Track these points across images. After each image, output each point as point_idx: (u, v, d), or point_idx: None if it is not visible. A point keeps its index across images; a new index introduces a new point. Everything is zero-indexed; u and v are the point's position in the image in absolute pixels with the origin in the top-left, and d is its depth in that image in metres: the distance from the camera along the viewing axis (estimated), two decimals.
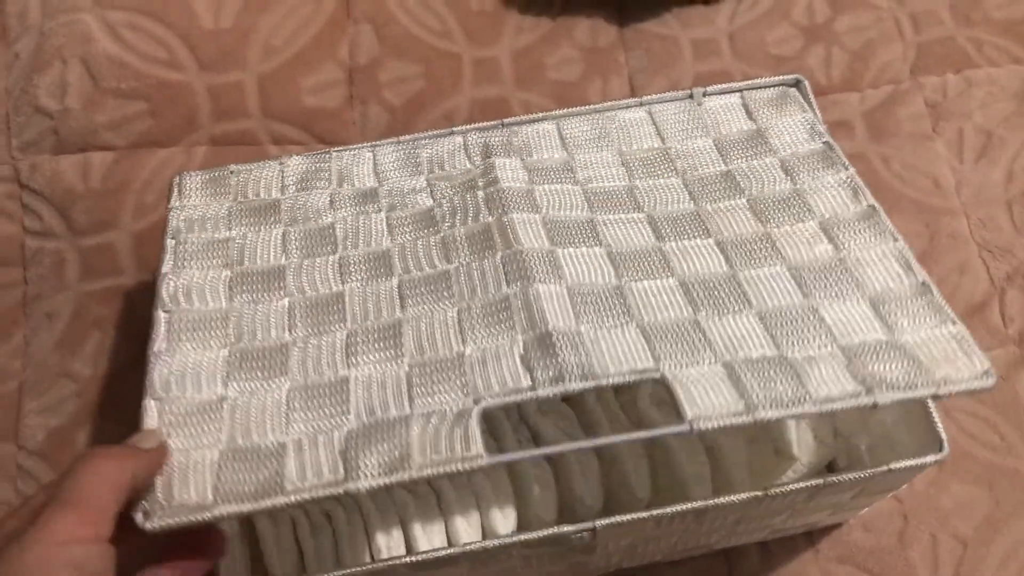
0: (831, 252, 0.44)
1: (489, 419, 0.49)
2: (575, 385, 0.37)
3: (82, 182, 0.63)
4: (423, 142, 0.50)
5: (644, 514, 0.40)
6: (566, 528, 0.40)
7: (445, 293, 0.43)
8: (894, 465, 0.42)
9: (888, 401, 0.37)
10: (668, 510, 0.40)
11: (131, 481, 0.36)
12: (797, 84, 0.52)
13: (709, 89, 0.52)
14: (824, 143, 0.49)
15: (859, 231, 0.44)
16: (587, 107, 0.51)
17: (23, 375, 0.58)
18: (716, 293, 0.42)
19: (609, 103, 0.52)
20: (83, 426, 0.57)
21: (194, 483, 0.37)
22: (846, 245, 0.44)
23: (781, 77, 0.52)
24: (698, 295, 0.42)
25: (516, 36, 0.68)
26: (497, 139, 0.50)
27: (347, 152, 0.50)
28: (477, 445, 0.35)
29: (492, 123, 0.51)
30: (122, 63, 0.66)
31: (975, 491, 0.56)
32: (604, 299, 0.42)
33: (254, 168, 0.50)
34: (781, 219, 0.46)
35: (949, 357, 0.39)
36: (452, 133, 0.50)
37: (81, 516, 0.33)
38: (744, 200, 0.47)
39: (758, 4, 0.69)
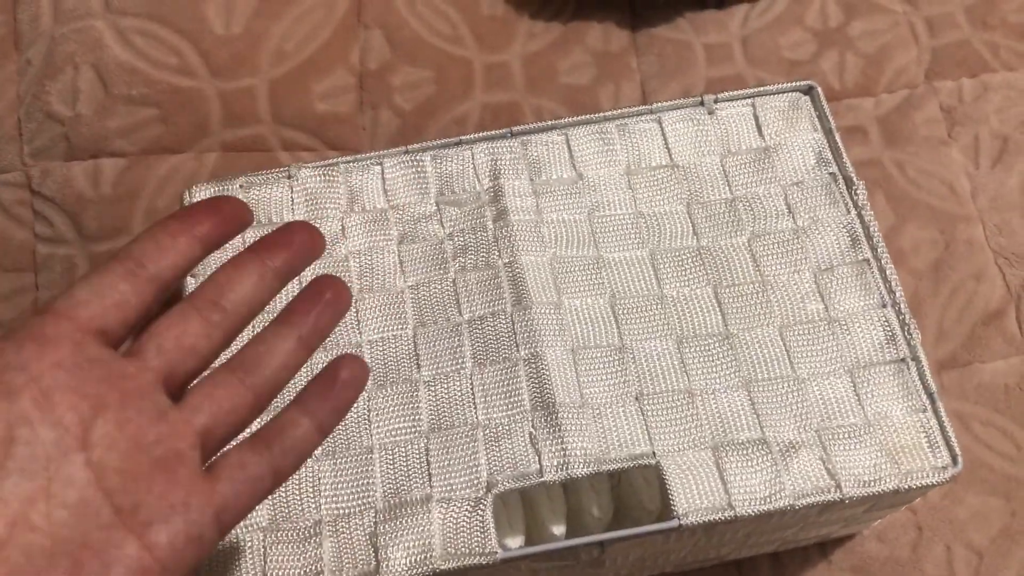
0: (822, 312, 0.46)
1: None
2: (578, 472, 0.41)
3: (93, 188, 0.63)
4: (431, 152, 0.50)
5: (653, 527, 0.40)
6: (574, 542, 0.40)
7: (458, 352, 0.45)
8: (906, 483, 0.41)
9: (854, 496, 0.41)
10: (669, 525, 0.40)
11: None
12: (810, 91, 0.52)
13: (720, 96, 0.52)
14: (830, 173, 0.49)
15: (851, 288, 0.46)
16: (597, 115, 0.51)
17: None
18: (711, 358, 0.45)
19: (620, 111, 0.51)
20: None
21: (244, 570, 0.41)
22: (837, 304, 0.46)
23: (794, 83, 0.52)
24: (694, 361, 0.45)
25: (527, 41, 0.68)
26: (506, 154, 0.50)
27: (355, 165, 0.50)
28: (492, 541, 0.40)
29: (501, 131, 0.50)
30: (133, 69, 0.66)
31: (991, 502, 0.55)
32: (607, 363, 0.44)
33: (264, 183, 0.50)
34: (778, 267, 0.47)
35: (915, 448, 0.43)
36: (460, 143, 0.50)
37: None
38: (745, 239, 0.48)
39: (771, 9, 0.69)
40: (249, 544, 0.41)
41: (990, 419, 0.57)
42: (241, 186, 0.50)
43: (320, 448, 0.43)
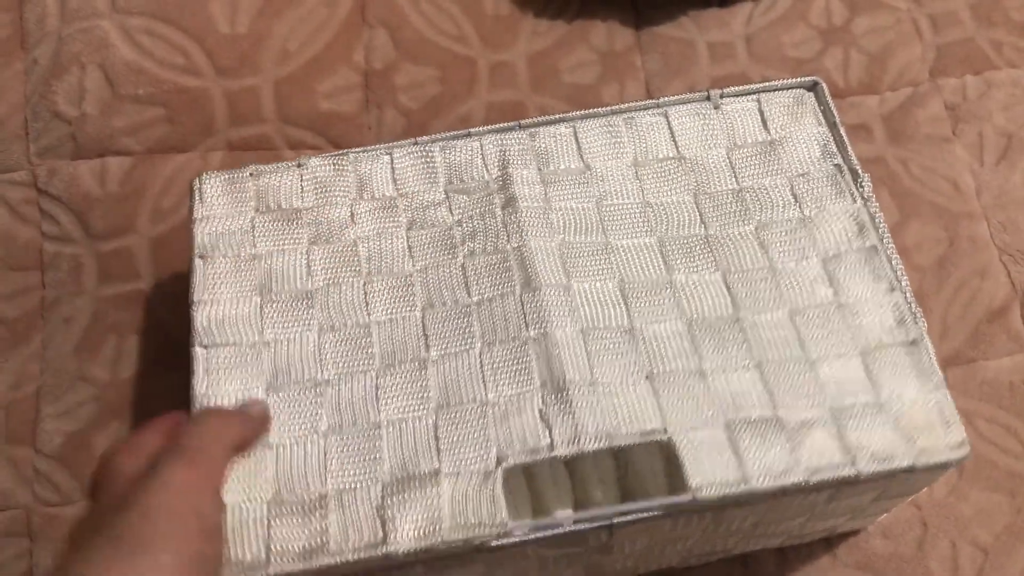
0: (831, 296, 0.46)
1: None
2: (589, 447, 0.40)
3: (99, 187, 0.63)
4: (440, 144, 0.50)
5: (662, 502, 0.40)
6: (583, 525, 0.40)
7: (467, 332, 0.45)
8: (921, 459, 0.41)
9: (869, 472, 0.41)
10: (685, 500, 0.40)
11: (239, 442, 0.38)
12: (815, 87, 0.52)
13: (726, 91, 0.52)
14: (835, 165, 0.49)
15: (860, 274, 0.46)
16: (604, 109, 0.51)
17: (40, 379, 0.58)
18: (722, 340, 0.45)
19: (626, 105, 0.51)
20: (101, 430, 0.57)
21: (247, 541, 0.40)
22: (846, 289, 0.46)
23: (799, 79, 0.52)
24: (705, 342, 0.44)
25: (531, 39, 0.68)
26: (514, 145, 0.50)
27: (364, 155, 0.50)
28: (502, 512, 0.39)
29: (509, 124, 0.51)
30: (139, 69, 0.66)
31: (996, 498, 0.55)
32: (617, 344, 0.44)
33: (273, 171, 0.50)
34: (786, 255, 0.47)
35: (929, 426, 0.42)
36: (469, 135, 0.50)
37: (201, 467, 0.35)
38: (752, 227, 0.48)
39: (775, 6, 0.69)
40: (253, 516, 0.40)
41: (994, 416, 0.57)
42: (251, 174, 0.50)
43: (326, 423, 0.43)
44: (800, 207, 0.48)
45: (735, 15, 0.69)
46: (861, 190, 0.48)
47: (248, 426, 0.40)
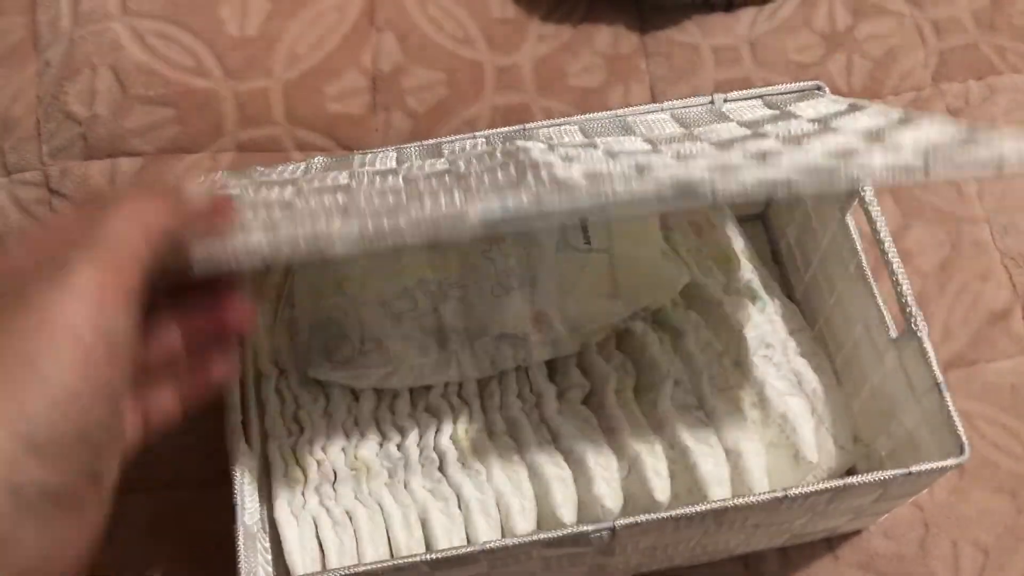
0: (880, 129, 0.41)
1: (509, 421, 0.50)
2: (582, 194, 0.34)
3: (110, 187, 0.64)
4: (445, 144, 0.51)
5: (664, 514, 0.40)
6: (586, 528, 0.40)
7: (450, 186, 0.40)
8: (915, 468, 0.42)
9: (942, 173, 0.33)
10: (689, 510, 0.40)
11: (169, 233, 0.30)
12: (818, 90, 0.52)
13: (730, 95, 0.52)
14: (849, 104, 0.47)
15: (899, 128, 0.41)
16: (608, 112, 0.52)
17: None
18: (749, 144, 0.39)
19: (630, 108, 0.52)
20: None
21: None
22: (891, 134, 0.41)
23: (802, 84, 0.52)
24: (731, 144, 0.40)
25: (538, 43, 0.69)
26: (519, 136, 0.50)
27: (370, 154, 0.51)
28: (474, 215, 0.32)
29: (514, 127, 0.51)
30: (150, 71, 0.67)
31: (997, 499, 0.56)
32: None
33: (279, 166, 0.50)
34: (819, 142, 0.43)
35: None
36: (475, 137, 0.51)
37: (116, 269, 0.28)
38: (772, 139, 0.44)
39: (779, 12, 0.69)
40: None
41: (996, 418, 0.58)
42: (257, 171, 0.50)
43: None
44: (823, 123, 0.45)
45: (740, 20, 0.69)
46: (864, 192, 0.48)
47: (181, 212, 0.31)
